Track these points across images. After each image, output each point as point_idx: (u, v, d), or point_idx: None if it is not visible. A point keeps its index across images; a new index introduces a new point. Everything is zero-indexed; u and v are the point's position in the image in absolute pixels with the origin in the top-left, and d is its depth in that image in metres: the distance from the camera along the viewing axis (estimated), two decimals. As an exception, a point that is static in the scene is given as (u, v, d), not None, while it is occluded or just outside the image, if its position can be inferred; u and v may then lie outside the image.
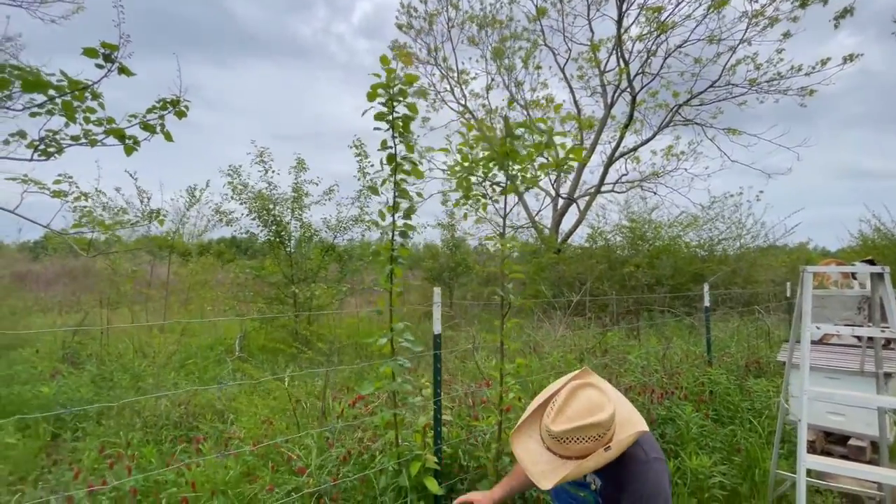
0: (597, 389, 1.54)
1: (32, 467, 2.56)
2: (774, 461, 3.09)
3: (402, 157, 1.82)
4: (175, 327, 6.04)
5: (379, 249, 1.85)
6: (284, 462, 2.16)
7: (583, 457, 1.46)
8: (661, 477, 1.51)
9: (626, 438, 1.47)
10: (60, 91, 3.01)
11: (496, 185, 1.89)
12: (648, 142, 13.40)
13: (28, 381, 3.94)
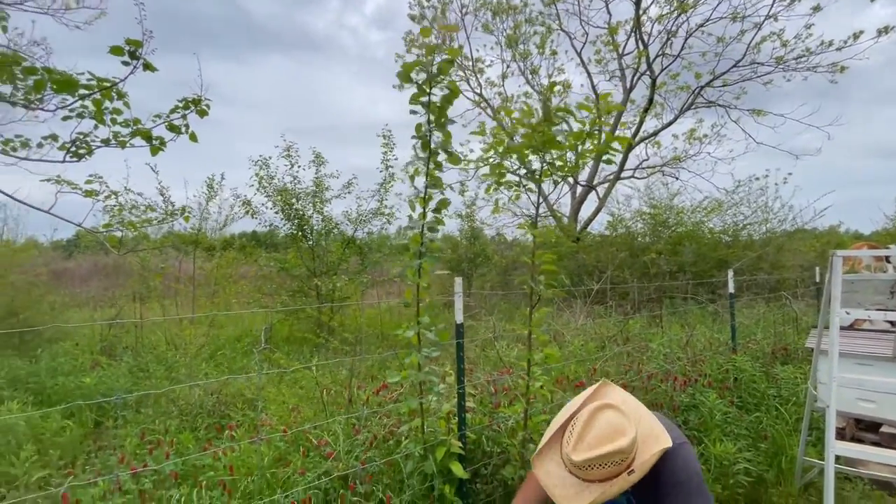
0: (616, 411, 1.48)
1: (80, 452, 2.72)
2: (802, 448, 3.05)
3: (436, 143, 1.77)
4: (203, 320, 6.24)
5: (409, 244, 1.85)
6: (314, 447, 2.25)
7: (606, 480, 1.42)
8: (689, 460, 1.51)
9: (650, 458, 1.43)
10: (89, 90, 3.12)
11: (532, 172, 1.88)
12: (669, 125, 13.07)
13: (70, 372, 4.16)
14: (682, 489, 1.45)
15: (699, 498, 1.44)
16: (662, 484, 1.48)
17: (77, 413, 3.53)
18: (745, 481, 2.72)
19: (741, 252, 9.93)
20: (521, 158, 1.85)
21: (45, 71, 3.12)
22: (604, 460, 1.40)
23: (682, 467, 1.48)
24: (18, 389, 3.79)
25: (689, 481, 1.46)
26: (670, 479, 1.47)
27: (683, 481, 1.46)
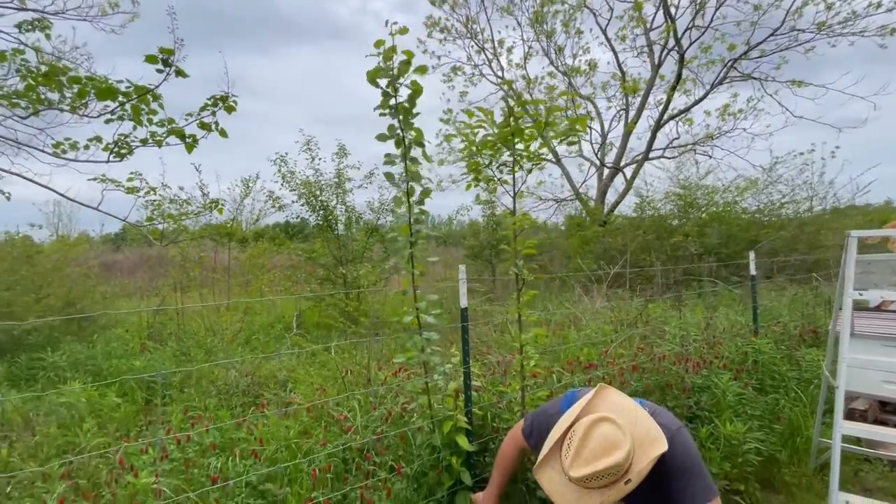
0: (611, 423, 1.53)
1: (133, 425, 3.04)
2: (817, 429, 3.05)
3: (409, 140, 1.90)
4: (238, 307, 6.62)
5: (398, 232, 1.98)
6: (335, 422, 2.45)
7: (605, 486, 1.49)
8: (687, 445, 1.58)
9: (647, 466, 1.49)
10: (128, 97, 3.38)
11: (503, 166, 1.98)
12: (701, 101, 12.54)
13: (122, 355, 4.57)
14: (686, 473, 1.53)
15: (702, 480, 1.52)
16: (667, 471, 1.54)
17: (129, 392, 3.91)
18: (755, 460, 2.75)
19: (775, 232, 9.56)
20: (492, 154, 1.94)
21: (88, 80, 3.39)
22: (600, 475, 1.47)
23: (682, 453, 1.55)
24: (79, 371, 4.22)
25: (692, 466, 1.54)
26: (674, 465, 1.54)
27: (687, 466, 1.54)
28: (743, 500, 2.73)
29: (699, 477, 1.52)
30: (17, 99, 3.52)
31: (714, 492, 1.52)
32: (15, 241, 7.07)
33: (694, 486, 1.51)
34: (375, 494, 1.91)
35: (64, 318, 5.17)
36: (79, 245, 9.42)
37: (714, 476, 2.68)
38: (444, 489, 2.03)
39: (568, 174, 14.20)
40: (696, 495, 1.50)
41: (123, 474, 2.11)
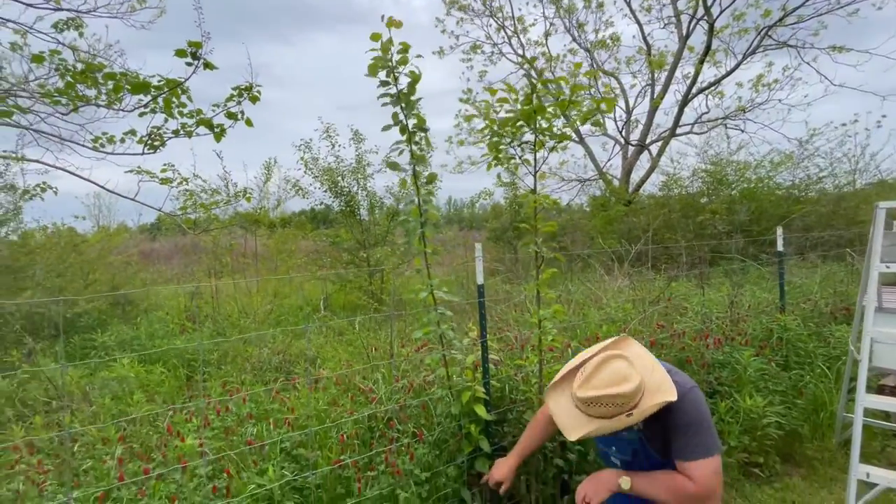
0: (626, 361, 1.61)
1: (177, 397, 3.29)
2: (842, 404, 3.02)
3: (413, 126, 1.97)
4: (268, 291, 6.91)
5: (409, 216, 2.07)
6: (361, 394, 2.60)
7: (607, 417, 1.56)
8: (698, 403, 1.61)
9: (650, 407, 1.54)
10: (159, 90, 3.55)
11: (524, 145, 2.02)
12: (732, 73, 11.96)
13: (164, 336, 4.88)
14: (690, 429, 1.58)
15: (708, 438, 1.57)
16: (673, 425, 1.60)
17: (172, 369, 4.20)
18: (775, 434, 2.76)
19: (811, 208, 9.18)
20: (514, 130, 1.97)
21: (122, 75, 3.57)
22: (605, 401, 1.55)
23: (690, 410, 1.59)
24: (126, 350, 4.54)
25: (699, 423, 1.58)
26: (681, 419, 1.59)
27: (693, 422, 1.58)
28: (762, 473, 2.75)
29: (704, 434, 1.57)
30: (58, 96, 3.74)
31: (714, 450, 1.56)
32: (62, 233, 7.52)
33: (696, 441, 1.56)
34: (399, 458, 2.04)
35: (117, 294, 5.53)
36: (119, 235, 9.93)
37: (733, 449, 2.72)
38: (464, 455, 2.15)
39: (591, 153, 13.93)
40: (696, 449, 1.56)
41: (171, 439, 2.33)
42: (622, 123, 13.78)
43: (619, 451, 1.81)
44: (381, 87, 1.92)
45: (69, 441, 2.16)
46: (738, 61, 11.70)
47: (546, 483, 2.34)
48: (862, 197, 10.10)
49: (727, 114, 12.51)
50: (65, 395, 3.01)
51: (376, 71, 1.87)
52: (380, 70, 1.87)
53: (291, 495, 1.97)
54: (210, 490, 1.83)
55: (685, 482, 1.58)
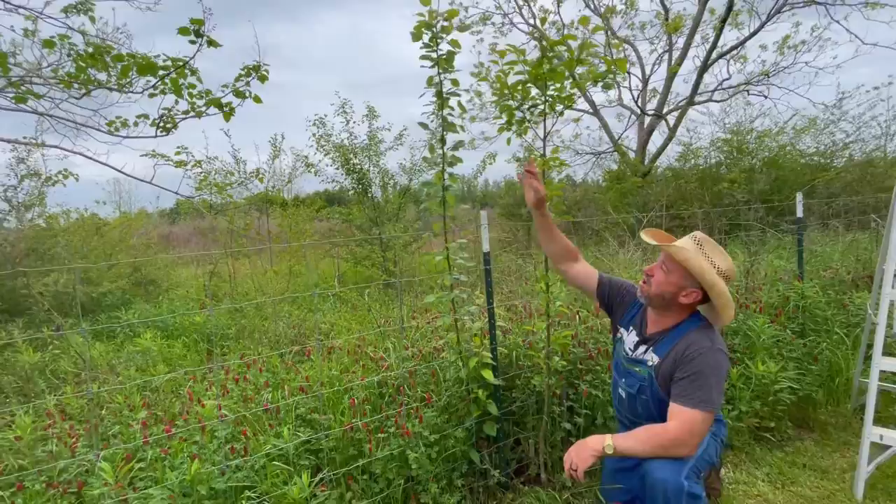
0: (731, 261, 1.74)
1: (199, 370, 3.41)
2: (859, 369, 2.98)
3: (448, 91, 1.96)
4: (284, 270, 7.05)
5: (433, 179, 2.08)
6: (372, 361, 2.66)
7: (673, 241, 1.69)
8: (721, 363, 1.63)
9: (727, 291, 1.65)
10: (166, 69, 3.57)
11: (534, 108, 1.98)
12: (755, 34, 11.38)
13: (185, 313, 5.04)
14: (697, 378, 1.60)
15: (709, 393, 1.58)
16: (686, 369, 1.63)
17: (193, 344, 4.35)
18: (788, 399, 2.74)
19: (836, 175, 8.85)
20: (524, 93, 1.93)
21: (129, 56, 3.60)
22: (716, 250, 1.69)
23: (709, 363, 1.62)
24: (150, 327, 4.71)
25: (707, 377, 1.60)
26: (695, 367, 1.61)
27: (702, 374, 1.60)
28: (773, 437, 2.75)
29: (706, 389, 1.58)
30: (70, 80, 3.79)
31: (707, 406, 1.57)
32: (85, 219, 7.74)
33: (696, 392, 1.59)
34: (409, 421, 2.10)
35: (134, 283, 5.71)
36: (139, 219, 10.18)
37: (744, 414, 2.71)
38: (473, 418, 2.19)
39: (606, 125, 13.57)
40: (692, 397, 1.58)
41: (192, 405, 2.43)
42: (638, 93, 13.35)
43: (628, 385, 1.84)
44: (423, 50, 1.93)
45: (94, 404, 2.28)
46: (763, 22, 11.13)
47: (554, 447, 2.38)
48: (891, 162, 9.68)
49: (749, 79, 12.00)
50: (93, 367, 3.16)
51: (420, 35, 1.89)
52: (424, 33, 1.87)
53: (306, 456, 2.06)
54: (228, 451, 1.92)
55: (664, 427, 1.61)
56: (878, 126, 10.34)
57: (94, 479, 1.73)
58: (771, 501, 2.24)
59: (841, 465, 2.50)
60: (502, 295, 3.99)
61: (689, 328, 1.72)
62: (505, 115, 2.09)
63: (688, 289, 1.68)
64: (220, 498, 1.76)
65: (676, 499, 1.54)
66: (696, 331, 1.70)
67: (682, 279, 1.67)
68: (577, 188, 14.53)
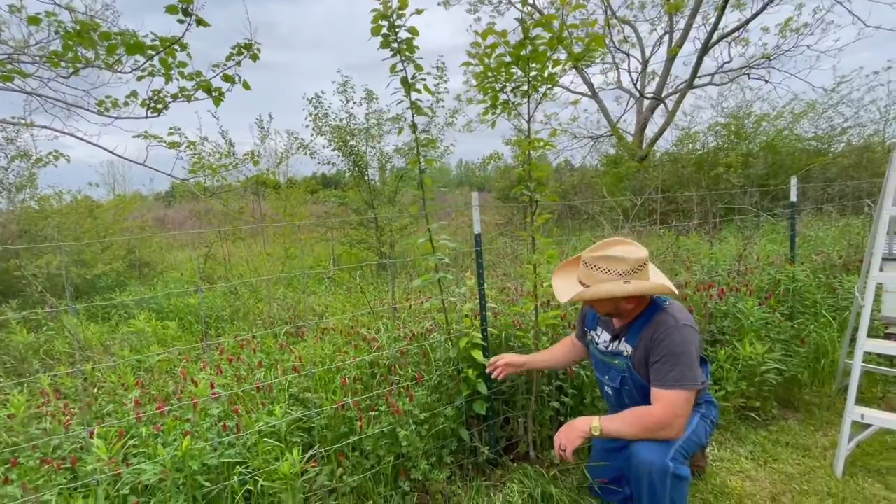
0: (636, 246, 1.73)
1: (192, 350, 3.44)
2: (844, 351, 3.02)
3: (412, 77, 1.97)
4: (280, 252, 7.04)
5: (408, 164, 2.09)
6: (365, 344, 2.69)
7: (604, 280, 1.67)
8: (688, 340, 1.65)
9: (648, 284, 1.64)
10: (155, 49, 3.49)
11: (517, 90, 1.97)
12: (757, 16, 11.23)
13: (179, 295, 5.05)
14: (670, 359, 1.62)
15: (684, 371, 1.61)
16: (658, 352, 1.65)
17: (187, 326, 4.37)
18: (774, 380, 2.79)
19: (832, 160, 8.83)
20: (508, 75, 1.91)
21: (116, 34, 3.52)
22: (608, 264, 1.66)
23: (678, 341, 1.64)
24: (144, 309, 4.73)
25: (679, 355, 1.62)
26: (665, 348, 1.64)
27: (674, 353, 1.63)
28: (758, 417, 2.81)
29: (681, 367, 1.61)
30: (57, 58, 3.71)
31: (686, 384, 1.60)
32: (78, 201, 7.68)
33: (672, 372, 1.61)
34: (399, 400, 2.13)
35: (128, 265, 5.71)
36: (133, 202, 10.10)
37: (730, 394, 2.76)
38: (462, 397, 2.23)
39: (604, 108, 13.45)
40: (669, 378, 1.61)
41: (186, 384, 2.46)
42: (637, 75, 13.20)
43: (611, 380, 1.88)
44: (382, 47, 1.93)
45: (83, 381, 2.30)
46: (765, 3, 10.96)
47: (543, 425, 2.43)
48: (889, 147, 9.66)
49: (750, 62, 11.87)
50: (86, 348, 3.18)
51: (379, 30, 1.91)
52: (381, 24, 1.90)
53: (298, 434, 2.09)
54: (221, 428, 1.94)
55: (649, 409, 1.64)
56: (877, 110, 10.30)
57: (88, 456, 1.76)
58: (753, 478, 2.30)
59: (823, 444, 2.56)
60: (496, 278, 4.01)
61: (654, 312, 1.75)
62: (489, 98, 2.08)
63: (620, 301, 1.71)
64: (212, 473, 1.79)
65: (661, 480, 1.58)
66: (661, 312, 1.72)
67: (610, 302, 1.71)
68: (575, 172, 14.47)
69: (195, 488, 1.71)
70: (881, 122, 10.41)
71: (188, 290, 5.55)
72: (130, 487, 1.66)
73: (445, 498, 2.12)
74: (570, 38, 1.80)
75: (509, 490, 2.05)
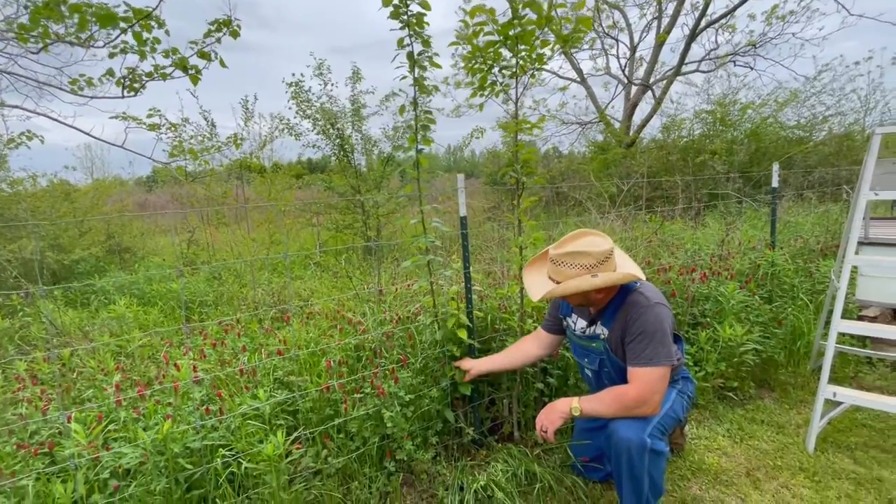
0: (600, 236, 1.75)
1: (175, 335, 3.39)
2: (819, 332, 3.11)
3: (419, 53, 1.91)
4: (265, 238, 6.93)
5: (407, 141, 2.05)
6: (350, 327, 2.67)
7: (571, 278, 1.69)
8: (661, 317, 1.68)
9: (615, 275, 1.66)
10: (128, 21, 3.35)
11: (505, 70, 1.94)
12: (744, 2, 11.24)
13: (161, 280, 4.96)
14: (645, 338, 1.65)
15: (658, 349, 1.64)
16: (632, 332, 1.68)
17: (170, 313, 4.30)
18: (752, 361, 2.86)
19: (814, 148, 8.98)
20: (496, 55, 1.88)
21: (86, 6, 3.36)
22: (574, 258, 1.68)
23: (651, 320, 1.67)
24: (125, 294, 4.63)
25: (653, 334, 1.65)
26: (639, 327, 1.67)
27: (648, 332, 1.66)
28: (736, 396, 2.89)
29: (655, 345, 1.64)
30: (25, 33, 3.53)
31: (660, 361, 1.63)
32: (54, 185, 7.43)
33: (647, 350, 1.64)
34: (385, 382, 2.13)
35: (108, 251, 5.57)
36: (113, 187, 9.82)
37: (710, 375, 2.83)
38: (447, 379, 2.24)
39: (593, 94, 13.43)
40: (644, 356, 1.64)
41: (168, 368, 2.42)
42: (625, 61, 13.17)
43: (590, 362, 1.91)
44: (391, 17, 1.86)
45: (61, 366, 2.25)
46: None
47: (527, 406, 2.46)
48: (868, 135, 9.85)
49: (737, 49, 11.92)
50: (64, 333, 3.11)
51: (390, 1, 1.83)
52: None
53: (283, 417, 2.08)
54: (203, 411, 1.93)
55: (626, 388, 1.67)
56: (857, 99, 10.47)
57: (66, 441, 1.73)
58: (729, 454, 2.37)
59: (796, 421, 2.65)
60: (483, 262, 4.02)
61: (626, 294, 1.77)
62: (477, 79, 2.05)
63: (590, 293, 1.73)
64: (195, 456, 1.78)
65: (639, 456, 1.62)
66: (633, 293, 1.75)
67: (580, 295, 1.73)
68: (563, 159, 14.49)
69: (177, 471, 1.70)
70: (861, 112, 10.60)
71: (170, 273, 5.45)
72: (111, 471, 1.64)
73: (430, 478, 2.14)
74: (559, 20, 1.77)
75: (493, 469, 2.08)
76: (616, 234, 4.84)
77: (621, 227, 5.32)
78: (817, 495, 2.04)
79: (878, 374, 3.15)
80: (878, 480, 2.12)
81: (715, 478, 2.19)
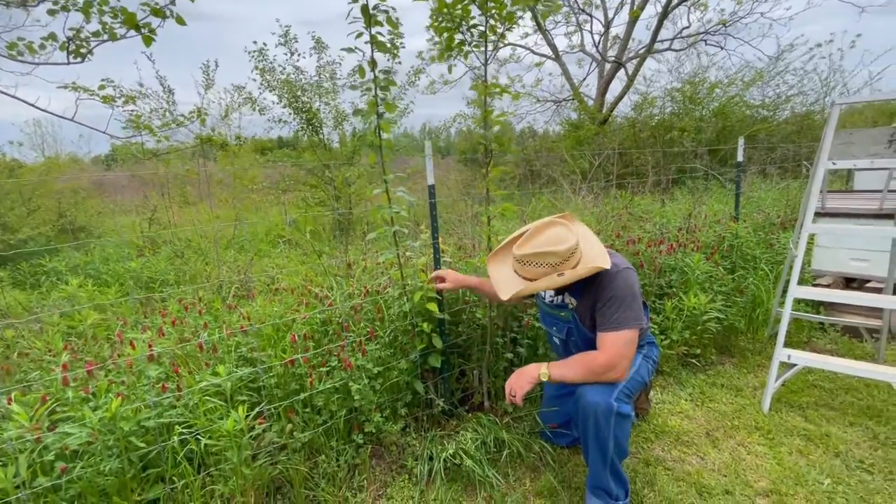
0: (564, 227, 1.71)
1: (131, 315, 3.24)
2: (777, 300, 3.22)
3: (373, 7, 1.80)
4: (231, 217, 6.69)
5: (367, 106, 1.96)
6: (318, 301, 2.60)
7: (538, 278, 1.68)
8: (630, 281, 1.69)
9: (581, 270, 1.64)
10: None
11: (473, 29, 1.86)
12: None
13: (119, 259, 4.71)
14: (614, 303, 1.66)
15: (627, 313, 1.65)
16: (603, 299, 1.68)
17: (128, 292, 4.10)
18: (714, 329, 2.96)
19: (777, 127, 9.24)
20: (465, 12, 1.80)
21: (18, -43, 3.04)
22: (539, 258, 1.65)
23: (620, 286, 1.67)
24: (79, 274, 4.38)
25: (622, 298, 1.66)
26: (608, 294, 1.67)
27: (617, 297, 1.66)
28: (698, 363, 2.98)
29: (625, 309, 1.65)
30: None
31: (629, 324, 1.65)
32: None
33: (616, 315, 1.65)
34: (352, 356, 2.08)
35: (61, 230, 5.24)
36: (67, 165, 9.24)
37: (674, 343, 2.90)
38: (417, 351, 2.21)
39: (567, 71, 13.37)
40: (613, 321, 1.65)
41: (123, 348, 2.30)
42: (599, 38, 13.13)
43: (559, 331, 1.91)
44: None
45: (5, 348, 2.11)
46: (723, -34, 11.02)
47: (497, 376, 2.47)
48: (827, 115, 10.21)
49: (708, 28, 12.04)
50: (8, 315, 2.92)
51: None
52: None
53: (247, 393, 2.02)
54: (160, 389, 1.84)
55: (595, 354, 1.68)
56: (818, 80, 10.78)
57: (6, 423, 1.62)
58: (691, 417, 2.45)
59: (753, 384, 2.76)
60: (455, 237, 3.98)
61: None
62: (444, 40, 1.96)
63: (553, 273, 1.69)
64: (150, 434, 1.70)
65: (606, 419, 1.64)
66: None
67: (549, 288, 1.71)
68: (537, 138, 14.47)
69: (130, 450, 1.62)
70: (822, 92, 10.94)
71: (128, 252, 5.20)
72: (56, 453, 1.55)
73: (400, 449, 2.13)
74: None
75: (462, 438, 2.08)
76: (588, 209, 4.88)
77: (593, 203, 5.37)
78: (771, 451, 2.14)
79: (829, 339, 3.31)
80: (826, 436, 2.23)
81: (677, 438, 2.26)
